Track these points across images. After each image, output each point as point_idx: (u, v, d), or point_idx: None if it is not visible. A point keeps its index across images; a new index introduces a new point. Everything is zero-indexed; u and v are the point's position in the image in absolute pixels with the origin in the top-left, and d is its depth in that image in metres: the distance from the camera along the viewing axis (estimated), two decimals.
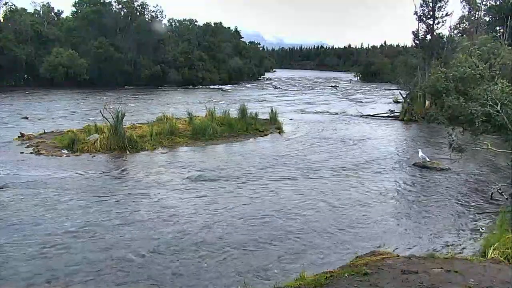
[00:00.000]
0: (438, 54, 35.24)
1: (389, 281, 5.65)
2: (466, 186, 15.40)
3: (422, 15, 36.12)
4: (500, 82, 13.04)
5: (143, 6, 67.34)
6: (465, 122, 13.49)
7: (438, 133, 24.66)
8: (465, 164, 17.16)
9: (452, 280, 5.60)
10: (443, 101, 13.80)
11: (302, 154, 19.62)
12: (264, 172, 16.28)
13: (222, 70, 73.38)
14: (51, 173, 15.11)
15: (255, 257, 9.17)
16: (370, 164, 18.17)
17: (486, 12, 42.23)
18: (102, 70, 58.09)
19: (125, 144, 18.93)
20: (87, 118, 26.82)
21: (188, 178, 15.10)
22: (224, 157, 18.95)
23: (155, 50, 64.65)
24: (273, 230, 10.65)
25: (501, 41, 29.50)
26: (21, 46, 54.32)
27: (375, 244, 9.71)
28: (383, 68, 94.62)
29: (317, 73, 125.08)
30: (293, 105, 41.47)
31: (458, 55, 14.28)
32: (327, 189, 14.39)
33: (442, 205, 13.16)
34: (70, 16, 68.59)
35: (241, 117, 24.96)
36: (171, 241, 9.85)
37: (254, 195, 13.43)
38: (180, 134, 21.66)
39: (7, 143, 20.00)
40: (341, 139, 23.82)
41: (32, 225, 10.51)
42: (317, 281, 5.99)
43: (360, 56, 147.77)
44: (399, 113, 33.99)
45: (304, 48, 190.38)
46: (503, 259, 7.49)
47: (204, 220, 11.19)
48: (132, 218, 11.21)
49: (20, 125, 24.81)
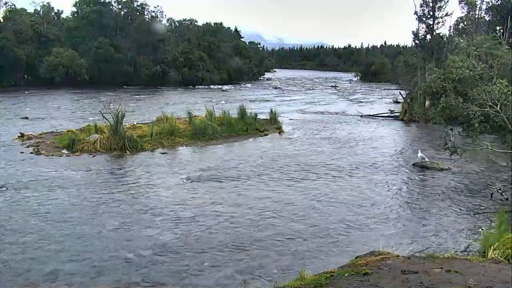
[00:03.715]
0: (438, 54, 35.25)
1: (389, 281, 5.65)
2: (466, 186, 15.40)
3: (422, 15, 36.14)
4: (499, 82, 13.03)
5: (143, 6, 67.47)
6: (463, 123, 13.49)
7: (438, 133, 24.59)
8: (465, 164, 17.17)
9: (452, 280, 5.60)
10: (440, 102, 13.80)
11: (302, 154, 19.62)
12: (264, 172, 16.29)
13: (222, 70, 73.35)
14: (51, 173, 15.12)
15: (255, 257, 9.18)
16: (370, 164, 18.17)
17: (486, 11, 42.24)
18: (102, 70, 58.11)
19: (125, 144, 18.94)
20: (87, 118, 26.82)
21: (188, 178, 15.10)
22: (224, 157, 18.95)
23: (155, 50, 64.65)
24: (273, 230, 10.66)
25: (501, 41, 29.52)
26: (21, 46, 54.32)
27: (375, 244, 9.70)
28: (383, 68, 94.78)
29: (317, 73, 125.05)
30: (293, 105, 41.47)
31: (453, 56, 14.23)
32: (327, 189, 14.39)
33: (442, 205, 13.17)
34: (70, 16, 68.67)
35: (241, 117, 24.97)
36: (171, 241, 9.86)
37: (254, 195, 13.43)
38: (180, 134, 21.67)
39: (7, 143, 20.00)
40: (341, 139, 23.82)
41: (32, 225, 10.53)
42: (317, 281, 5.99)
43: (360, 56, 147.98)
44: (399, 113, 34.00)
45: (304, 48, 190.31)
46: (503, 259, 7.49)
47: (204, 220, 11.19)
48: (132, 218, 11.22)
49: (20, 125, 24.81)
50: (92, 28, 61.66)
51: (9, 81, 52.38)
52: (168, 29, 74.23)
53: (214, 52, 72.65)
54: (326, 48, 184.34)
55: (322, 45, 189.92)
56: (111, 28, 62.62)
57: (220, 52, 73.81)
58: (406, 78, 40.03)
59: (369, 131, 27.46)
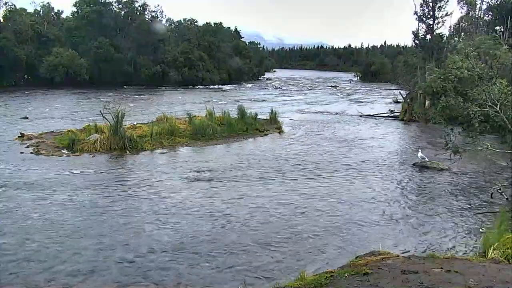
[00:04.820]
0: (438, 54, 35.25)
1: (389, 281, 5.65)
2: (466, 186, 15.41)
3: (422, 15, 36.15)
4: (499, 82, 13.02)
5: (144, 6, 67.47)
6: (463, 123, 13.48)
7: (438, 133, 24.59)
8: (465, 164, 17.16)
9: (452, 280, 5.60)
10: (440, 102, 13.79)
11: (302, 154, 19.62)
12: (264, 172, 16.28)
13: (222, 70, 73.33)
14: (51, 173, 15.12)
15: (255, 257, 9.18)
16: (370, 164, 18.17)
17: (485, 11, 42.21)
18: (102, 70, 58.08)
19: (125, 144, 18.94)
20: (87, 118, 26.80)
21: (188, 178, 15.10)
22: (223, 157, 18.95)
23: (155, 50, 64.62)
24: (273, 230, 10.66)
25: (501, 41, 29.48)
26: (21, 46, 54.28)
27: (375, 244, 9.70)
28: (383, 68, 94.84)
29: (317, 73, 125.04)
30: (293, 105, 41.47)
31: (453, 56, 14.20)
32: (327, 189, 14.39)
33: (442, 205, 13.17)
34: (70, 16, 68.61)
35: (241, 117, 24.97)
36: (171, 241, 9.86)
37: (254, 195, 13.43)
38: (180, 134, 21.66)
39: (7, 143, 19.99)
40: (341, 139, 23.82)
41: (32, 225, 10.53)
42: (317, 281, 5.99)
43: (360, 56, 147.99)
44: (399, 113, 34.01)
45: (304, 48, 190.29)
46: (503, 259, 7.50)
47: (204, 220, 11.19)
48: (132, 218, 11.22)
49: (20, 125, 24.81)
50: (92, 28, 61.63)
51: (9, 81, 52.35)
52: (168, 29, 74.17)
53: (214, 52, 72.62)
54: (326, 48, 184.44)
55: (322, 45, 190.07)
56: (111, 28, 62.59)
57: (220, 52, 73.79)
58: (406, 78, 40.06)
59: (369, 131, 27.46)
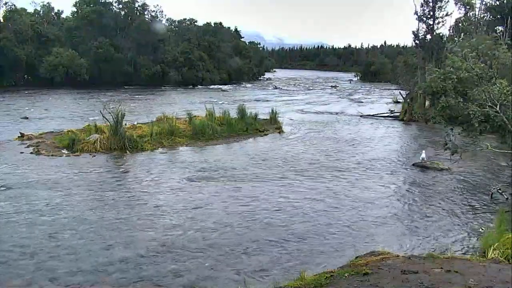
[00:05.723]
0: (438, 54, 35.25)
1: (389, 281, 5.65)
2: (466, 186, 15.40)
3: (422, 15, 36.17)
4: (499, 82, 13.01)
5: (143, 6, 67.46)
6: (463, 123, 13.48)
7: (438, 133, 24.62)
8: (465, 164, 17.16)
9: (452, 280, 5.60)
10: (440, 101, 13.77)
11: (302, 154, 19.62)
12: (264, 172, 16.28)
13: (222, 70, 73.37)
14: (51, 173, 15.11)
15: (255, 257, 9.18)
16: (370, 164, 18.16)
17: (484, 12, 42.18)
18: (102, 70, 58.09)
19: (125, 144, 18.93)
20: (87, 118, 26.80)
21: (188, 178, 15.10)
22: (223, 157, 18.94)
23: (155, 50, 64.64)
24: (272, 230, 10.66)
25: (501, 41, 29.47)
26: (21, 46, 54.30)
27: (375, 244, 9.70)
28: (383, 68, 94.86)
29: (317, 73, 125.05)
30: (293, 105, 41.47)
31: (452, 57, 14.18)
32: (327, 189, 14.40)
33: (442, 205, 13.16)
34: (70, 16, 68.63)
35: (240, 117, 24.96)
36: (171, 241, 9.85)
37: (253, 195, 13.43)
38: (180, 134, 21.66)
39: (7, 143, 19.99)
40: (341, 139, 23.82)
41: (32, 225, 10.53)
42: (317, 281, 5.99)
43: (360, 56, 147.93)
44: (399, 113, 34.01)
45: (304, 48, 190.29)
46: (503, 259, 7.50)
47: (204, 220, 11.19)
48: (132, 218, 11.22)
49: (20, 125, 24.81)
50: (92, 28, 61.64)
51: (9, 81, 52.35)
52: (168, 29, 74.17)
53: (214, 52, 72.65)
54: (326, 48, 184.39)
55: (322, 45, 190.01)
56: (111, 28, 62.59)
57: (220, 52, 73.81)
58: (406, 78, 40.05)
59: (369, 131, 27.47)
